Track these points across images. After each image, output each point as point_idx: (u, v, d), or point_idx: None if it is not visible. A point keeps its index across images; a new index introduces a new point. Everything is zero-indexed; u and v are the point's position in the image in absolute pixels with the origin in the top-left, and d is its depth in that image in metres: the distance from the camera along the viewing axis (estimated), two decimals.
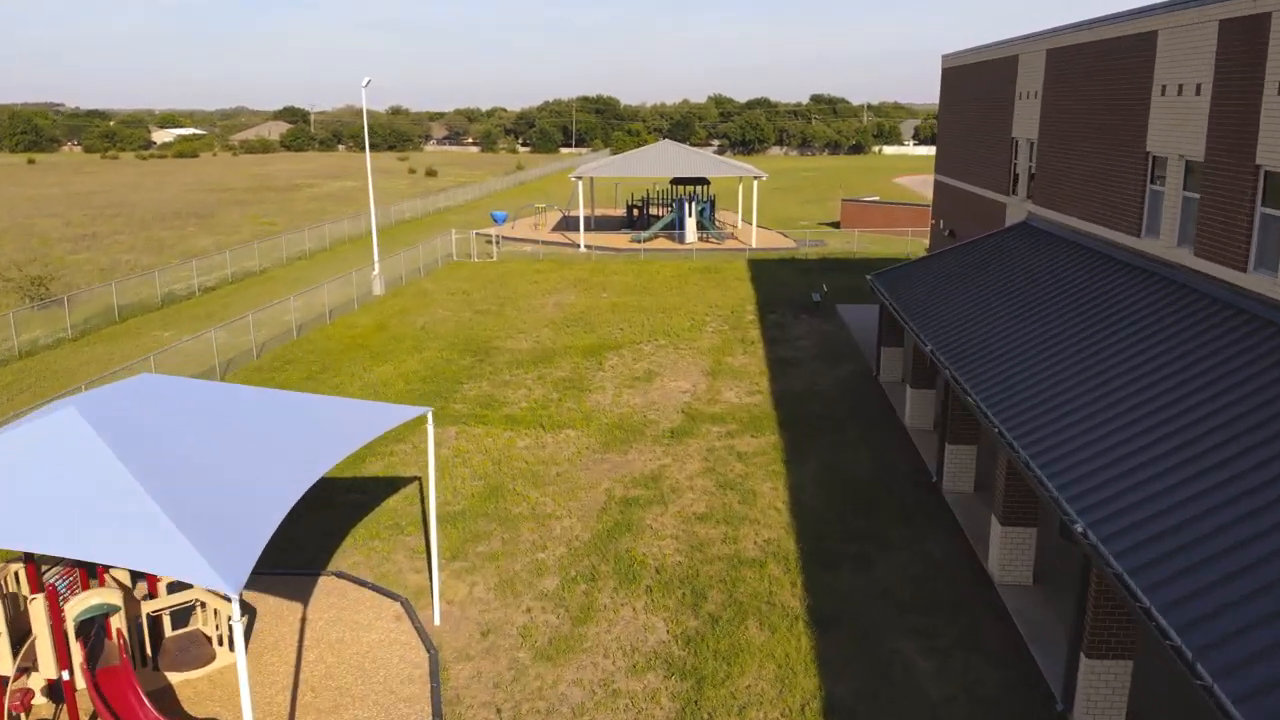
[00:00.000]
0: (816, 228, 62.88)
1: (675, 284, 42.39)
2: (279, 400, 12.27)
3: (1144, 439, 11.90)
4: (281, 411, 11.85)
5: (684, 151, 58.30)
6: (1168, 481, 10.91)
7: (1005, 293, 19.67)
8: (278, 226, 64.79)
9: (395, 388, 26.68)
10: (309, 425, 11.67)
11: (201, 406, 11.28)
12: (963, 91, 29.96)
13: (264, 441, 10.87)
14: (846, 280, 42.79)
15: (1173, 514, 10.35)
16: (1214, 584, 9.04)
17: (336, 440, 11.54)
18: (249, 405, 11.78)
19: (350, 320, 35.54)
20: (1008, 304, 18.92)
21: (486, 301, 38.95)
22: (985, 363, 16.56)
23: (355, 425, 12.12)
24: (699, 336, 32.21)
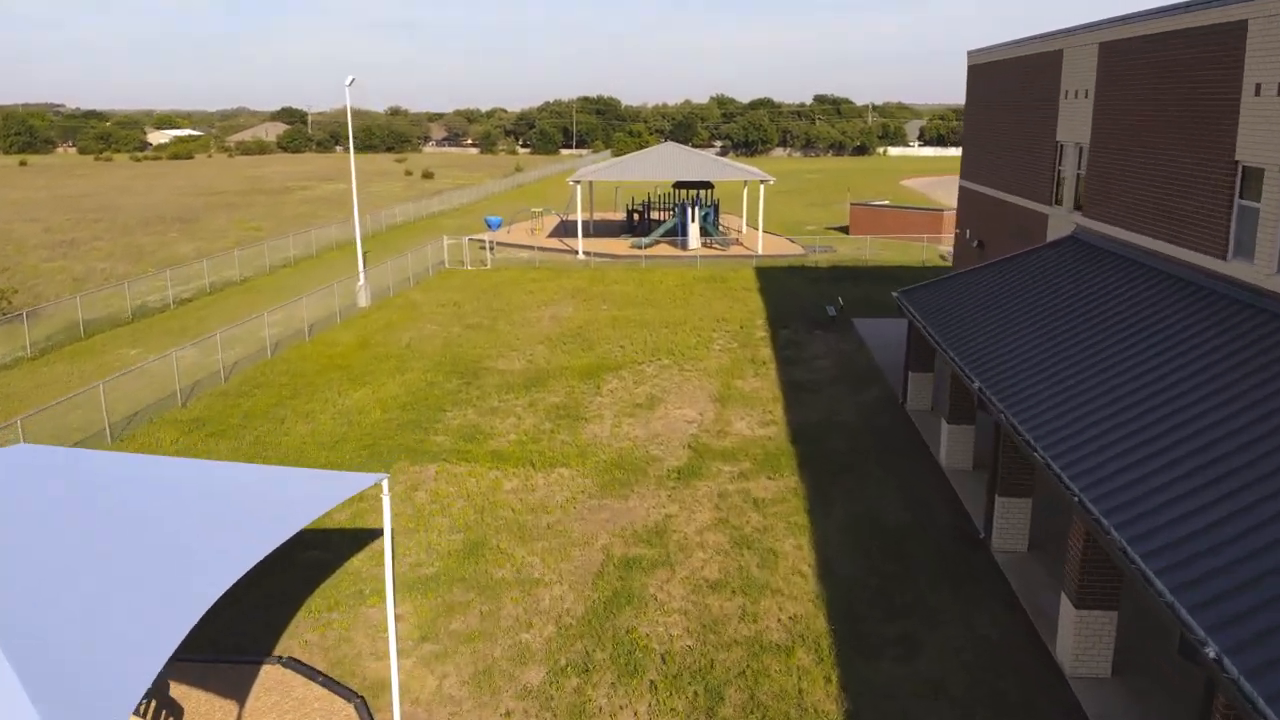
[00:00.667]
0: (825, 233, 60.41)
1: (679, 295, 39.93)
2: (190, 476, 9.80)
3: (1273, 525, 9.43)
4: (192, 494, 9.39)
5: (687, 154, 55.85)
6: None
7: (1060, 319, 17.19)
8: (264, 232, 62.35)
9: (371, 417, 24.20)
10: (226, 512, 9.20)
11: (83, 493, 8.82)
12: (994, 90, 27.49)
13: (160, 542, 8.40)
14: (861, 291, 40.30)
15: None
16: None
17: (260, 530, 9.07)
18: (150, 486, 9.32)
19: (330, 337, 33.07)
20: (1067, 334, 16.43)
21: (478, 314, 36.49)
22: (1048, 407, 14.08)
23: (287, 506, 9.66)
24: (705, 355, 29.73)
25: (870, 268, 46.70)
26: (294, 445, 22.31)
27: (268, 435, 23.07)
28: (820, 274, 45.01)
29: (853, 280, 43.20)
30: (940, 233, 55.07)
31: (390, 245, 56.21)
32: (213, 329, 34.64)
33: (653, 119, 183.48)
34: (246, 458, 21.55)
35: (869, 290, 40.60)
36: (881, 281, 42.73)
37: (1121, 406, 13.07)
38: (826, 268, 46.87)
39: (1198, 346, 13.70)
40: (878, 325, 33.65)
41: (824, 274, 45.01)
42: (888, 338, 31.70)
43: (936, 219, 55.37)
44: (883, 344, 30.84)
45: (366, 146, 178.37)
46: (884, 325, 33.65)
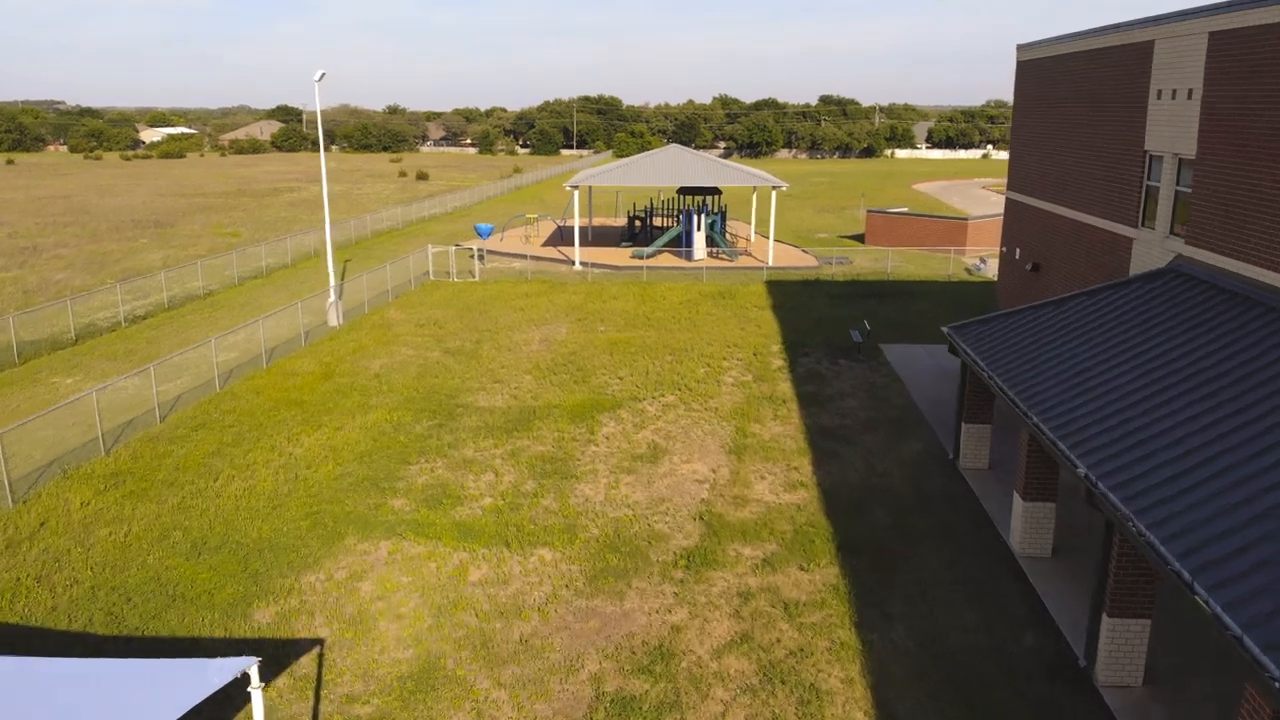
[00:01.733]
0: (839, 242, 56.59)
1: (684, 314, 36.12)
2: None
3: None
4: None
5: (693, 157, 52.05)
6: None
7: (1186, 379, 13.37)
8: (241, 238, 58.56)
9: (321, 471, 20.39)
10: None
11: None
12: (1053, 89, 23.67)
13: None
14: (886, 310, 36.50)
15: None
16: None
17: None
18: None
19: (291, 365, 29.25)
20: (1205, 400, 12.61)
21: (461, 336, 32.68)
22: (1198, 520, 10.28)
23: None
24: (716, 391, 25.92)
25: (893, 282, 42.89)
26: (224, 511, 18.52)
27: (197, 496, 19.28)
28: (838, 289, 41.20)
29: (875, 297, 39.39)
30: (964, 245, 51.25)
31: (374, 253, 52.43)
32: (164, 352, 30.89)
33: (655, 119, 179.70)
34: (164, 529, 17.76)
35: (895, 309, 36.79)
36: (907, 299, 38.93)
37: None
38: (844, 282, 43.06)
39: None
40: (909, 353, 29.83)
41: (842, 289, 41.20)
42: (922, 368, 27.89)
43: (959, 229, 51.56)
44: (918, 376, 27.03)
45: (363, 146, 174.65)
46: (916, 353, 29.83)
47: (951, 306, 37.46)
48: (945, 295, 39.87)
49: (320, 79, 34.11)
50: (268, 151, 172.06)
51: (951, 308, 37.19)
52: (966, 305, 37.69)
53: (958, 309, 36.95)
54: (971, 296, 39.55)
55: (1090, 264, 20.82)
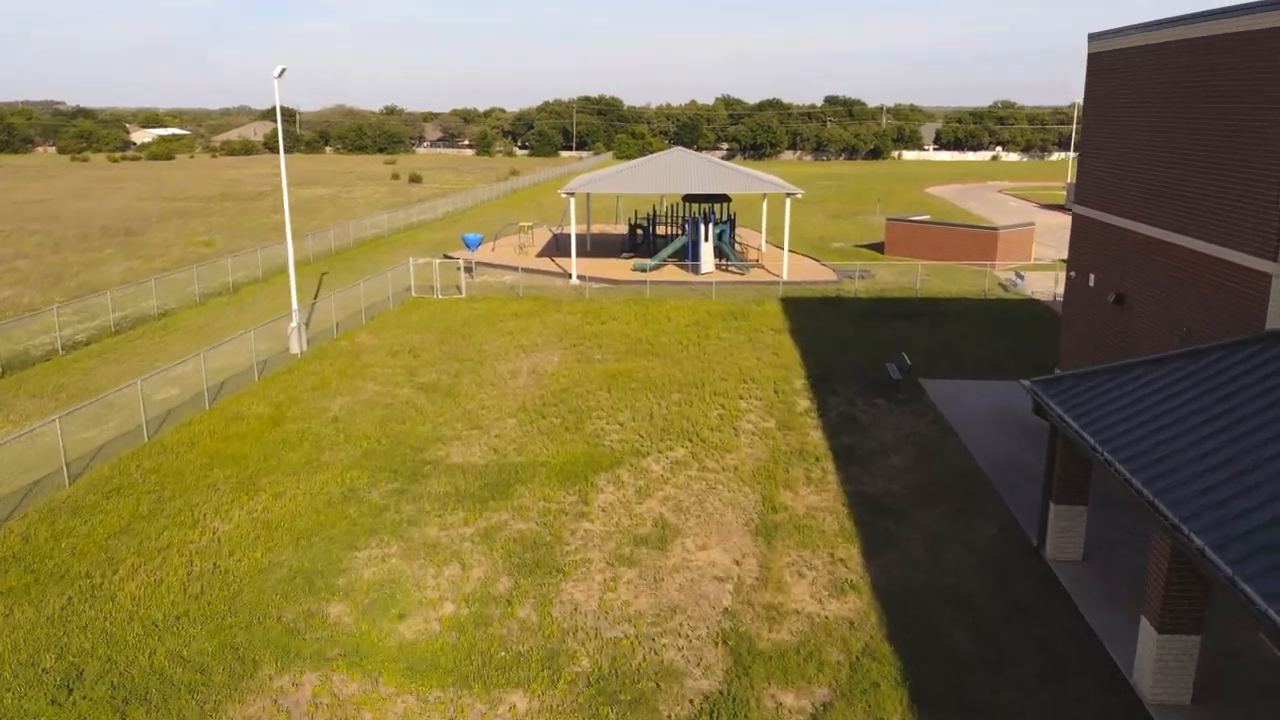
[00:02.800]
0: (856, 253, 52.52)
1: (692, 338, 32.07)
2: None
3: None
4: None
5: (699, 162, 47.97)
6: None
7: None
8: (215, 247, 54.58)
9: (247, 560, 16.35)
10: None
11: None
12: (1145, 84, 19.61)
13: None
14: (918, 333, 32.41)
15: None
16: None
17: None
18: None
19: (238, 405, 25.21)
20: None
21: (438, 366, 28.64)
22: None
23: None
24: (734, 442, 21.86)
25: (922, 300, 38.81)
26: (116, 620, 14.48)
27: (88, 596, 15.26)
28: (862, 308, 37.13)
29: (904, 318, 35.31)
30: (994, 258, 47.15)
31: (355, 264, 48.38)
32: (102, 387, 26.88)
33: (656, 120, 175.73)
34: (35, 648, 13.74)
35: (929, 333, 32.70)
36: (940, 320, 34.83)
37: None
38: (868, 300, 38.99)
39: None
40: (956, 391, 25.78)
41: (866, 308, 37.13)
42: (974, 412, 23.83)
43: (989, 240, 47.48)
44: (972, 424, 22.95)
45: (357, 147, 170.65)
46: (964, 392, 25.77)
47: (994, 330, 33.37)
48: (983, 315, 35.79)
49: (280, 74, 30.06)
50: (260, 153, 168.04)
51: (994, 332, 33.10)
52: (1011, 329, 33.58)
53: (1002, 333, 32.85)
54: (1014, 318, 35.45)
55: (1201, 302, 16.76)
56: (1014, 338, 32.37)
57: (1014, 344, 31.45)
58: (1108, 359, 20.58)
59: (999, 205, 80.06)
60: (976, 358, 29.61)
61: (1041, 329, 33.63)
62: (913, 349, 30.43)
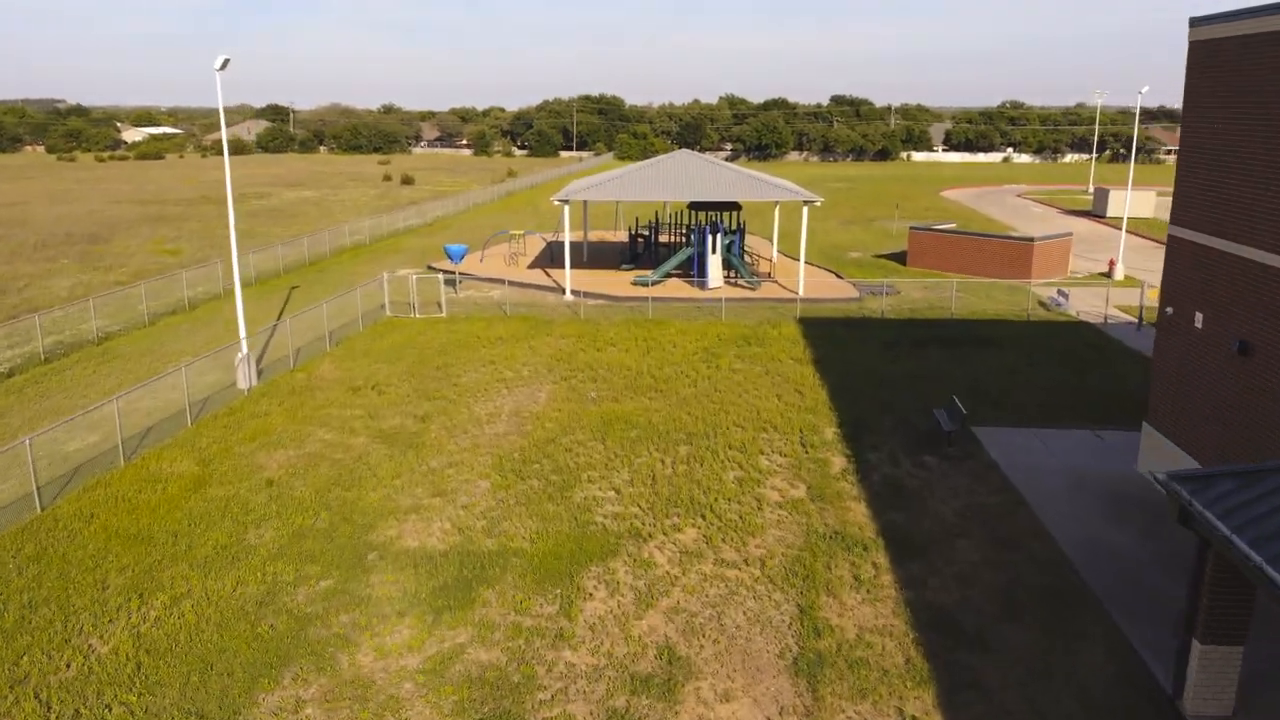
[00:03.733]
0: (876, 265, 48.31)
1: (701, 369, 27.90)
2: None
3: None
4: None
5: (706, 166, 43.78)
6: None
7: None
8: (180, 256, 50.43)
9: (117, 709, 12.17)
10: None
11: None
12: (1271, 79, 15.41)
13: None
14: (959, 363, 28.20)
15: None
16: None
17: None
18: None
19: (158, 462, 21.03)
20: None
21: (405, 407, 24.48)
22: None
23: None
24: (756, 519, 17.69)
25: (958, 322, 34.59)
26: None
27: None
28: (891, 332, 32.92)
29: (941, 344, 31.11)
30: (1029, 272, 42.95)
31: (329, 277, 44.20)
32: (13, 433, 22.75)
33: (658, 120, 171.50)
34: None
35: (973, 364, 28.49)
36: (983, 348, 30.61)
37: None
38: (897, 321, 34.79)
39: None
40: (1019, 445, 21.56)
41: (896, 332, 32.93)
42: (1046, 476, 19.64)
43: (1023, 252, 43.27)
44: (1047, 493, 18.75)
45: (352, 147, 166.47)
46: (1029, 446, 21.56)
47: (1045, 361, 29.14)
48: (1029, 341, 31.56)
49: (222, 67, 25.85)
50: (251, 153, 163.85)
51: (1046, 363, 28.87)
52: (1066, 359, 29.34)
53: (1055, 365, 28.62)
54: (1065, 345, 31.21)
55: None
56: (1070, 370, 28.17)
57: (1072, 378, 27.26)
58: (1227, 422, 16.38)
59: (1020, 211, 75.81)
60: (1032, 397, 25.42)
61: (1100, 360, 29.42)
62: (956, 385, 26.25)
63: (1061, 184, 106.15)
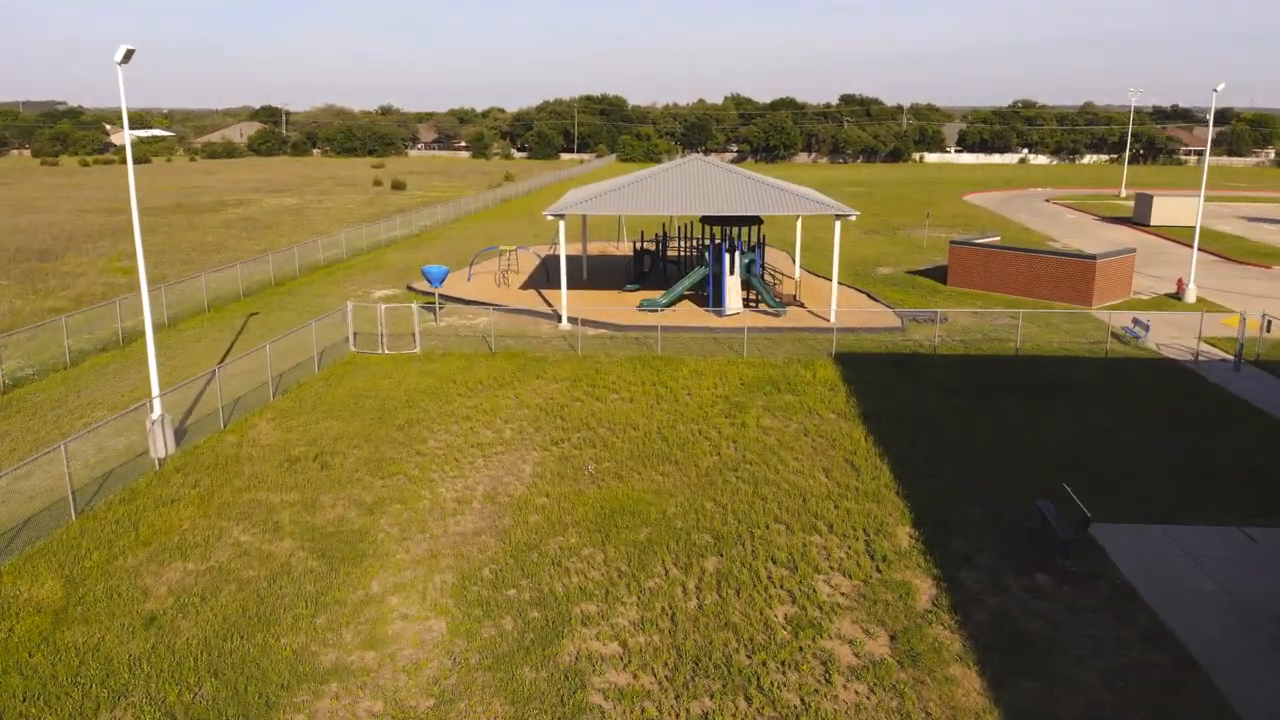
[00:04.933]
0: (910, 281, 42.97)
1: (724, 426, 22.60)
2: None
3: None
4: None
5: (722, 175, 38.43)
6: None
7: None
8: (135, 273, 45.14)
9: None
10: None
11: None
12: None
13: None
14: (1041, 419, 22.85)
15: None
16: None
17: None
18: None
19: (14, 581, 15.75)
20: None
21: (351, 489, 19.20)
22: None
23: None
24: (825, 704, 12.37)
25: (1026, 359, 29.22)
26: None
27: None
28: (949, 374, 27.60)
29: (1013, 391, 25.77)
30: (1090, 295, 37.58)
31: (295, 301, 38.89)
32: None
33: (662, 120, 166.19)
34: None
35: (1059, 419, 23.10)
36: (1064, 396, 25.24)
37: None
38: (952, 358, 29.45)
39: None
40: (1154, 552, 16.21)
41: (955, 374, 27.61)
42: (1202, 602, 14.33)
43: (1084, 272, 37.90)
44: (1213, 637, 13.43)
45: (346, 149, 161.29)
46: (1166, 553, 16.21)
47: (1150, 419, 23.72)
48: (1118, 387, 26.19)
49: (124, 60, 20.56)
50: (243, 155, 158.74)
51: (1150, 419, 23.46)
52: (1173, 413, 23.86)
53: (1162, 421, 23.21)
54: (1163, 393, 25.80)
55: None
56: (1180, 430, 22.81)
57: (1186, 443, 21.90)
58: None
59: (1054, 218, 70.37)
60: (1145, 473, 20.08)
61: (1213, 415, 24.03)
62: (1047, 454, 20.90)
63: (1087, 187, 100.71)
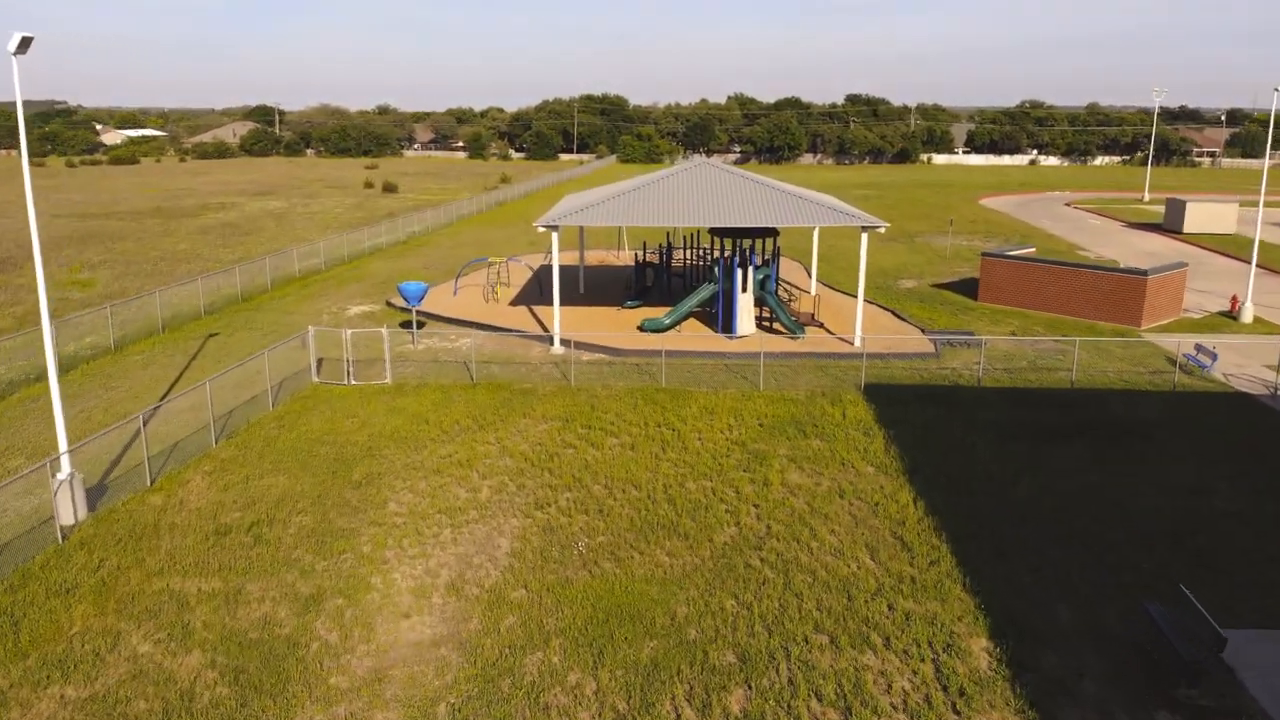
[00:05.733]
0: (937, 296, 39.28)
1: (743, 484, 18.93)
2: None
3: None
4: None
5: (732, 181, 34.68)
6: None
7: None
8: (92, 289, 41.50)
9: None
10: None
11: None
12: None
13: None
14: (1114, 471, 19.19)
15: None
16: None
17: None
18: None
19: None
20: None
21: (285, 574, 15.54)
22: None
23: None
24: None
25: (1085, 395, 25.52)
26: None
27: None
28: (999, 411, 23.89)
29: (1077, 436, 22.07)
30: (1140, 314, 33.88)
31: (263, 317, 35.16)
32: None
33: (664, 120, 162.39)
34: None
35: (1135, 470, 19.41)
36: (1141, 442, 21.51)
37: None
38: (999, 392, 25.75)
39: None
40: None
41: (1005, 411, 23.91)
42: None
43: (1133, 289, 34.19)
44: None
45: (340, 150, 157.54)
46: None
47: (1247, 474, 19.98)
48: (1196, 428, 22.45)
49: (18, 50, 16.86)
50: (235, 156, 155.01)
51: (1252, 478, 19.72)
52: (1273, 467, 20.18)
53: (1266, 482, 19.49)
54: (1253, 437, 22.02)
55: None
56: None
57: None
58: None
59: (1079, 224, 66.62)
60: (1263, 549, 16.39)
61: None
62: (1133, 521, 17.22)
63: (1105, 190, 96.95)
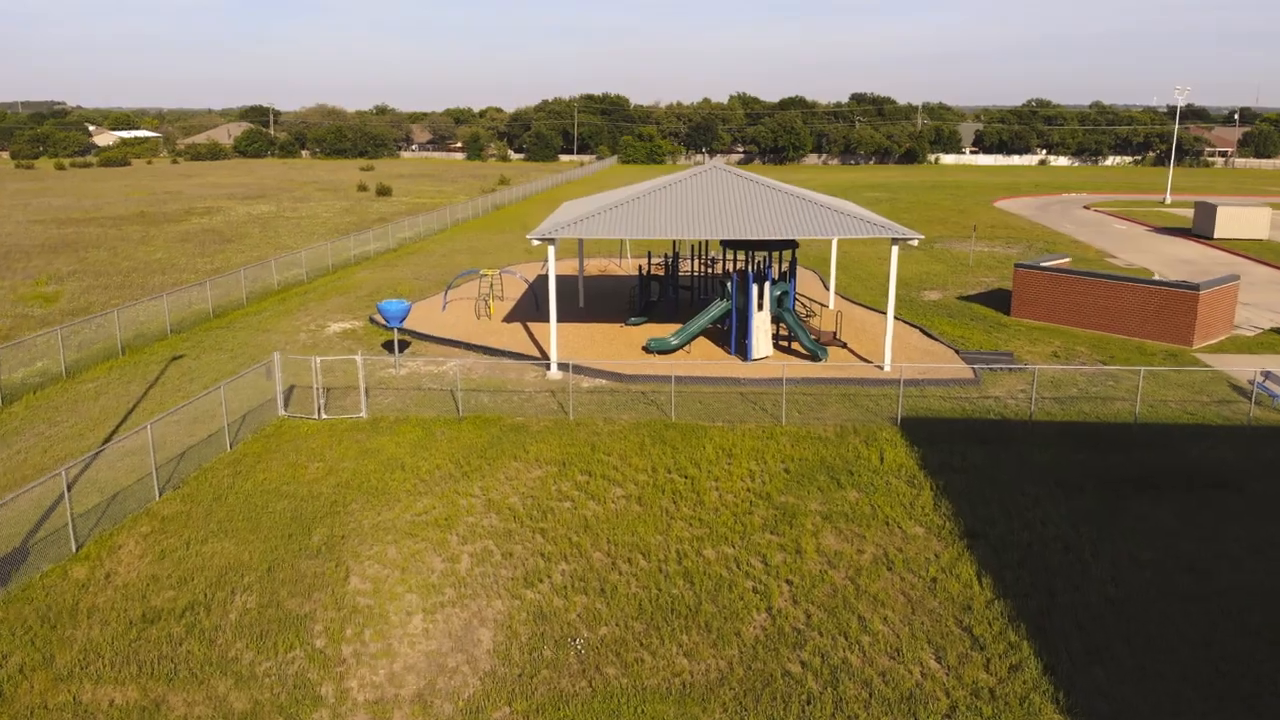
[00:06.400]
0: (966, 310, 36.28)
1: (771, 552, 15.95)
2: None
3: None
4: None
5: (746, 188, 31.63)
6: None
7: None
8: (54, 304, 38.52)
9: None
10: None
11: None
12: None
13: None
14: (1205, 534, 16.22)
15: None
16: None
17: None
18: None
19: None
20: None
21: (214, 681, 12.56)
22: None
23: None
24: None
25: (1150, 431, 22.49)
26: None
27: None
28: (1052, 452, 20.88)
29: (1153, 488, 19.07)
30: (1191, 332, 30.88)
31: (235, 337, 32.14)
32: None
33: (666, 120, 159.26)
34: None
35: (1231, 530, 16.43)
36: (1235, 494, 18.53)
37: None
38: (1050, 427, 22.73)
39: None
40: None
41: (1060, 452, 20.90)
42: None
43: (1184, 305, 31.18)
44: None
45: (336, 151, 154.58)
46: None
47: None
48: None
49: None
50: (228, 157, 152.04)
51: None
52: None
53: None
54: None
55: None
56: None
57: None
58: None
59: (1101, 229, 63.56)
60: None
61: None
62: (1250, 610, 14.21)
63: (1121, 192, 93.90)
